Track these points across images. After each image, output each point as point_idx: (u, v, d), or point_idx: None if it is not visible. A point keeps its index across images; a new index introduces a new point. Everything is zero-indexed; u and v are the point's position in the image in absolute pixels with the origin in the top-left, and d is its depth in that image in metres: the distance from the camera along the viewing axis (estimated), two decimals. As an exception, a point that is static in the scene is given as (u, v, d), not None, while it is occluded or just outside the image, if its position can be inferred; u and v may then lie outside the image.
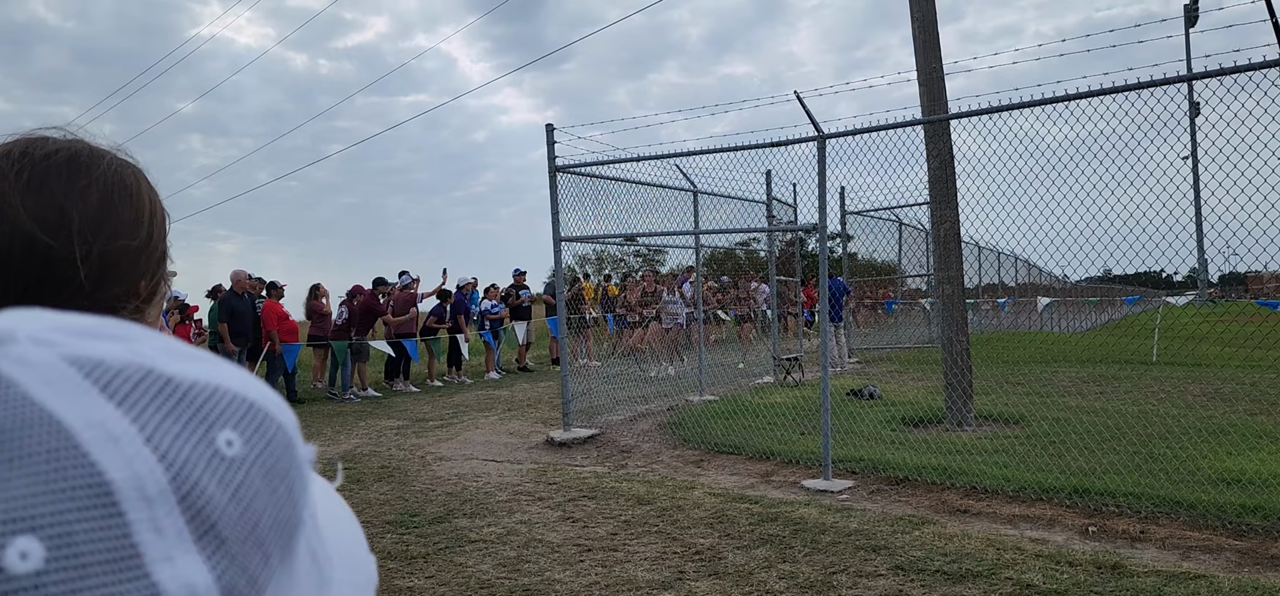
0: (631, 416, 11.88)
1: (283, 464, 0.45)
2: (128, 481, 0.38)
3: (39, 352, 0.40)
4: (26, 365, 0.39)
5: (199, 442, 0.41)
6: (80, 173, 0.87)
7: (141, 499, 0.38)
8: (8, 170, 0.84)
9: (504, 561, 5.92)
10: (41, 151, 0.87)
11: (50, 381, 0.39)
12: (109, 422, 0.39)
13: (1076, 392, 12.43)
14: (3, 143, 0.88)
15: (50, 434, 0.38)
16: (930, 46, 10.00)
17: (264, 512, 0.43)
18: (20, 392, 0.38)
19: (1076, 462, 7.62)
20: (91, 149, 0.90)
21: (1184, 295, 19.77)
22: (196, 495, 0.40)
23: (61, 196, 0.85)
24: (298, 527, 0.46)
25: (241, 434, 0.43)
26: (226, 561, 0.40)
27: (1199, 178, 11.30)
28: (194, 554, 0.39)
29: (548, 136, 10.69)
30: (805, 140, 8.51)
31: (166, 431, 0.40)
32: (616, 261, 27.70)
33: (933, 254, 12.68)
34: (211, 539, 0.40)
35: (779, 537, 6.22)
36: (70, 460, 0.37)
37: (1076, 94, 7.10)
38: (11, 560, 0.35)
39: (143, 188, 0.93)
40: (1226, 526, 6.08)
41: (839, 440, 8.86)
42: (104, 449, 0.38)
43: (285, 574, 0.45)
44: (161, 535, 0.38)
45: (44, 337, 0.41)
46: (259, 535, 0.42)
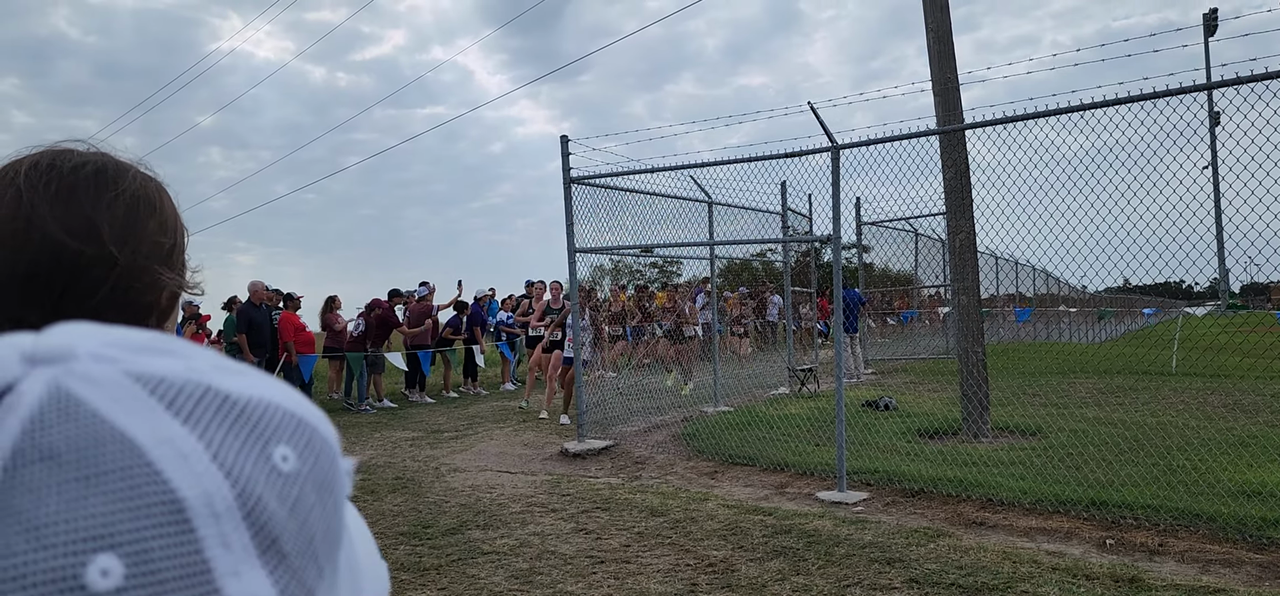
0: (646, 427, 11.85)
1: (330, 478, 0.47)
2: (198, 498, 0.39)
3: (103, 370, 0.41)
4: (93, 383, 0.40)
5: (258, 458, 0.42)
6: (108, 185, 0.88)
7: (211, 515, 0.39)
8: (36, 181, 0.85)
9: (516, 573, 5.91)
10: (69, 164, 0.87)
11: (118, 399, 0.40)
12: (178, 440, 0.40)
13: (1094, 403, 12.33)
14: (30, 154, 0.88)
15: (123, 452, 0.38)
16: (945, 57, 9.97)
17: (317, 525, 0.44)
18: (91, 410, 0.39)
19: (1094, 474, 7.54)
20: (117, 162, 0.91)
21: (1204, 305, 19.61)
22: (259, 510, 0.41)
23: (90, 208, 0.86)
24: (341, 539, 0.48)
25: (295, 449, 0.44)
26: (288, 575, 0.41)
27: (1219, 187, 11.21)
28: (258, 568, 0.40)
29: (563, 148, 10.70)
30: (819, 151, 8.48)
31: (229, 448, 0.41)
32: (632, 272, 27.68)
33: (949, 264, 12.62)
34: (274, 553, 0.41)
35: (793, 550, 6.18)
36: (144, 478, 0.38)
37: (1094, 103, 7.05)
38: (93, 577, 0.36)
39: (165, 201, 0.94)
40: (1247, 539, 6.01)
41: (854, 451, 8.81)
42: (175, 466, 0.39)
43: (332, 582, 0.46)
44: (230, 550, 0.39)
45: (104, 354, 0.42)
46: (314, 548, 0.44)
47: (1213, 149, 13.87)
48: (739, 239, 13.97)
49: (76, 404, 0.39)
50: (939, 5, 10.01)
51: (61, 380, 0.40)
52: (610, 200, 11.24)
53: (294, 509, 0.43)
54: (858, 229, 18.60)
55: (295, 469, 0.44)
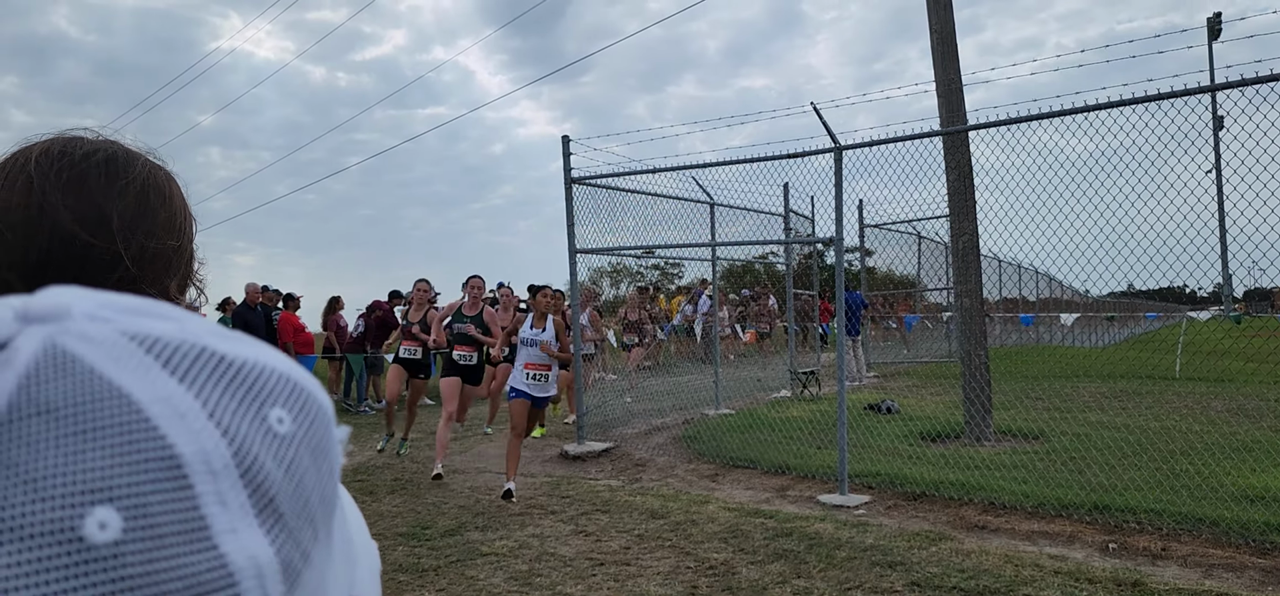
0: (646, 429, 11.82)
1: (325, 442, 0.47)
2: (196, 455, 0.39)
3: (98, 328, 0.41)
4: (89, 341, 0.40)
5: (254, 419, 0.42)
6: (118, 173, 0.88)
7: (208, 472, 0.39)
8: (47, 169, 0.85)
9: (516, 574, 5.88)
10: (80, 151, 0.87)
11: (115, 356, 0.40)
12: (175, 398, 0.40)
13: (1098, 407, 12.29)
14: (41, 141, 0.88)
15: (121, 408, 0.38)
16: (949, 58, 9.94)
17: (312, 489, 0.44)
18: (87, 366, 0.39)
19: (1097, 478, 7.51)
20: (127, 150, 0.91)
21: (1207, 310, 19.56)
22: (256, 470, 0.41)
23: (100, 196, 0.86)
24: (335, 504, 0.48)
25: (290, 412, 0.44)
26: (284, 534, 0.41)
27: (1223, 191, 11.18)
28: (255, 526, 0.40)
29: (564, 148, 10.67)
30: (822, 152, 8.45)
31: (226, 407, 0.41)
32: (633, 274, 27.68)
33: (952, 267, 12.59)
34: (270, 512, 0.41)
35: (794, 553, 6.14)
36: (142, 434, 0.38)
37: (1097, 105, 7.02)
38: (91, 529, 0.36)
39: (175, 191, 0.95)
40: (1250, 544, 5.97)
41: (856, 454, 8.78)
42: (173, 423, 0.39)
43: (327, 548, 0.46)
44: (227, 508, 0.39)
45: (99, 314, 0.42)
46: (309, 510, 0.44)
47: (1216, 152, 13.82)
48: (741, 240, 13.93)
49: (72, 360, 0.39)
50: (943, 6, 9.98)
51: (57, 338, 0.40)
52: (611, 201, 11.22)
53: (289, 470, 0.43)
54: (860, 231, 18.58)
55: (291, 431, 0.44)
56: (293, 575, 0.42)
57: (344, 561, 0.52)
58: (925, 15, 10.18)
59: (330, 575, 0.47)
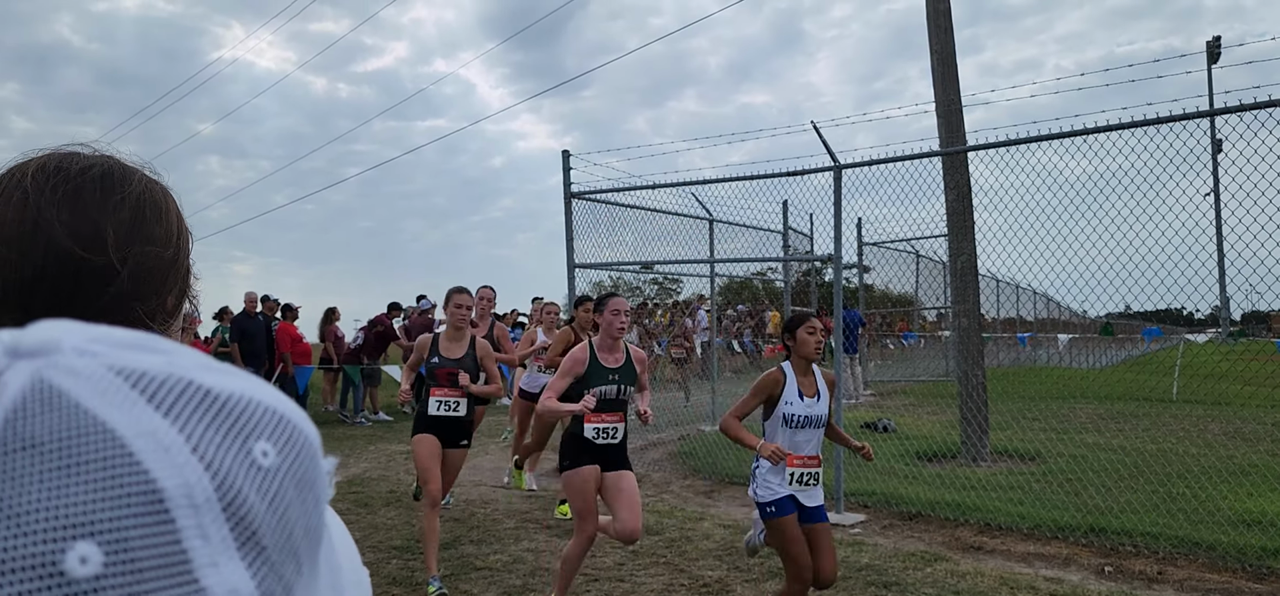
0: (642, 445, 11.80)
1: (310, 475, 0.47)
2: (178, 489, 0.39)
3: (85, 363, 0.41)
4: (76, 375, 0.40)
5: (239, 453, 0.42)
6: (114, 188, 0.88)
7: (191, 506, 0.39)
8: (43, 184, 0.85)
9: (509, 589, 5.86)
10: (76, 167, 0.87)
11: (101, 391, 0.40)
12: (159, 432, 0.40)
13: (1094, 429, 12.28)
14: (37, 156, 0.88)
15: (104, 442, 0.39)
16: (949, 78, 9.96)
17: (297, 521, 0.44)
18: (72, 401, 0.39)
19: (1093, 500, 7.49)
20: (123, 166, 0.91)
21: (1205, 332, 19.55)
22: (239, 503, 0.41)
23: (96, 211, 0.86)
24: (321, 537, 0.48)
25: (275, 445, 0.44)
26: (266, 568, 0.42)
27: (1221, 214, 11.20)
28: (237, 560, 0.40)
29: (564, 162, 10.69)
30: (822, 170, 8.46)
31: (210, 441, 0.41)
32: (631, 289, 27.67)
33: (949, 286, 12.60)
34: (252, 546, 0.41)
35: (788, 571, 6.12)
36: (125, 468, 0.38)
37: (1097, 128, 7.03)
38: (72, 564, 0.36)
39: (171, 205, 0.94)
40: (1246, 569, 5.96)
41: (851, 473, 8.76)
42: (156, 457, 0.39)
43: (311, 579, 0.46)
44: (208, 541, 0.39)
45: (87, 348, 0.42)
46: (293, 543, 0.44)
47: (1215, 176, 13.85)
48: (739, 257, 13.93)
49: (58, 395, 0.39)
50: (943, 27, 10.01)
51: (44, 372, 0.40)
52: (611, 216, 11.22)
53: (273, 503, 0.43)
54: (859, 249, 18.58)
55: (275, 464, 0.44)
56: None
57: (330, 591, 0.52)
58: (925, 35, 10.21)
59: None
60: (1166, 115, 6.74)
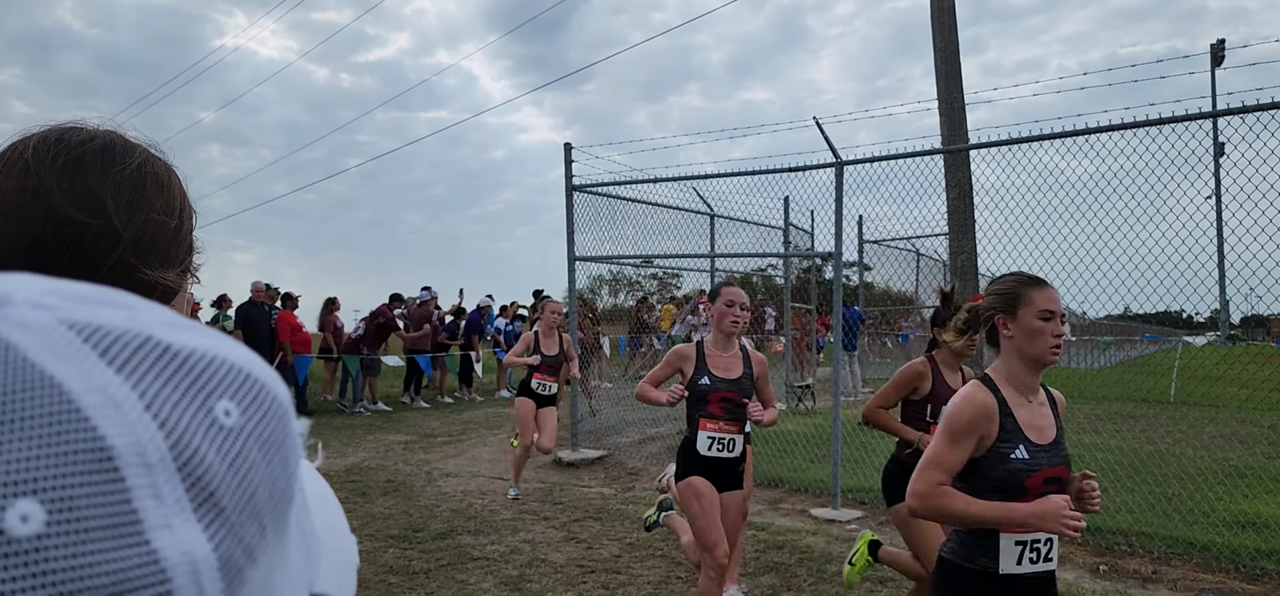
0: (640, 438, 11.81)
1: (278, 436, 0.45)
2: (129, 447, 0.38)
3: (37, 316, 0.39)
4: (26, 328, 0.39)
5: (198, 411, 0.41)
6: (114, 160, 0.88)
7: (142, 465, 0.38)
8: (45, 154, 0.85)
9: (506, 580, 5.87)
10: (77, 138, 0.88)
11: (50, 345, 0.39)
12: (110, 388, 0.39)
13: (1092, 429, 12.28)
14: (38, 131, 0.89)
15: (51, 397, 0.37)
16: (952, 76, 9.96)
17: (260, 484, 0.43)
18: (20, 355, 0.38)
19: (1090, 500, 7.50)
20: (125, 140, 0.92)
21: (1203, 335, 19.58)
22: (195, 463, 0.40)
23: (96, 181, 0.86)
24: (290, 501, 0.46)
25: (239, 404, 0.43)
26: (224, 530, 0.40)
27: (1222, 217, 11.20)
28: (192, 522, 0.39)
29: (566, 155, 10.69)
30: (823, 166, 8.46)
31: (166, 399, 0.40)
32: (631, 283, 27.66)
33: (949, 285, 12.62)
34: (209, 507, 0.40)
35: (784, 566, 6.14)
36: (71, 424, 0.37)
37: (1099, 127, 7.03)
38: (12, 522, 0.35)
39: (173, 181, 0.95)
40: (1240, 570, 5.97)
41: (849, 469, 8.77)
42: (105, 414, 0.38)
43: (278, 545, 0.45)
44: (161, 502, 0.38)
45: (42, 301, 0.40)
46: (255, 505, 0.42)
47: (1216, 178, 13.86)
48: (740, 252, 13.92)
49: (5, 348, 0.38)
50: (947, 25, 10.02)
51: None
52: (612, 210, 11.22)
53: (234, 464, 0.41)
54: (860, 247, 18.58)
55: (238, 424, 0.42)
56: (232, 572, 0.40)
57: (302, 558, 0.50)
58: (928, 34, 10.22)
59: (282, 574, 0.46)
60: (1169, 116, 6.74)
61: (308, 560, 0.52)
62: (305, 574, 0.51)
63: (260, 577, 0.43)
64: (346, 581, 0.59)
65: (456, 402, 17.59)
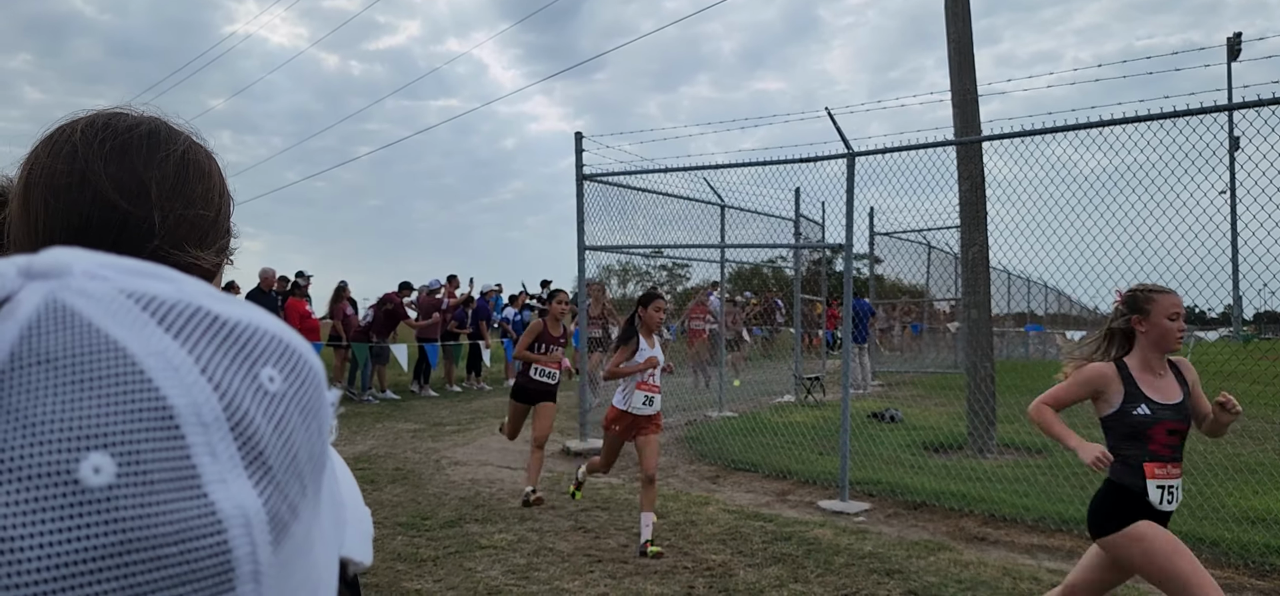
0: (650, 429, 11.80)
1: (315, 403, 0.48)
2: (188, 407, 0.40)
3: (97, 285, 0.42)
4: (87, 296, 0.41)
5: (246, 377, 0.44)
6: (159, 146, 0.91)
7: (200, 424, 0.41)
8: (92, 139, 0.88)
9: (513, 568, 5.87)
10: (124, 124, 0.91)
11: (112, 312, 0.41)
12: (168, 352, 0.41)
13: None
14: (85, 115, 0.92)
15: (117, 360, 0.40)
16: (965, 67, 9.91)
17: (301, 446, 0.46)
18: (85, 320, 0.40)
19: (1099, 495, 7.47)
20: (170, 126, 0.95)
21: (1216, 331, 19.46)
22: (246, 424, 0.42)
23: (141, 166, 0.89)
24: (325, 464, 0.49)
25: (281, 371, 0.46)
26: (272, 488, 0.43)
27: (1237, 212, 11.13)
28: (244, 478, 0.41)
29: (577, 144, 10.67)
30: (835, 157, 8.43)
31: (218, 364, 0.43)
32: (641, 273, 27.64)
33: (960, 278, 12.55)
34: (259, 466, 0.42)
35: (792, 557, 6.13)
36: (136, 384, 0.40)
37: (1113, 120, 6.98)
38: (86, 473, 0.37)
39: (215, 169, 0.98)
40: (1250, 566, 5.94)
41: (857, 462, 8.75)
42: (166, 376, 0.41)
43: (315, 505, 0.48)
44: (217, 458, 0.41)
45: (98, 272, 0.43)
46: (298, 467, 0.45)
47: (1231, 173, 13.77)
48: (751, 243, 13.90)
49: (71, 314, 0.40)
50: (961, 16, 9.96)
51: (57, 293, 0.41)
52: (622, 199, 11.22)
53: (279, 427, 0.44)
54: (870, 239, 18.54)
55: (281, 390, 0.45)
56: (280, 527, 0.43)
57: (333, 521, 0.53)
58: (941, 24, 10.16)
59: (317, 531, 0.48)
60: (1184, 109, 6.69)
61: (336, 523, 0.55)
62: (335, 535, 0.54)
63: (301, 533, 0.45)
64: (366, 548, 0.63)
65: (465, 391, 17.62)
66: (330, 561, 0.53)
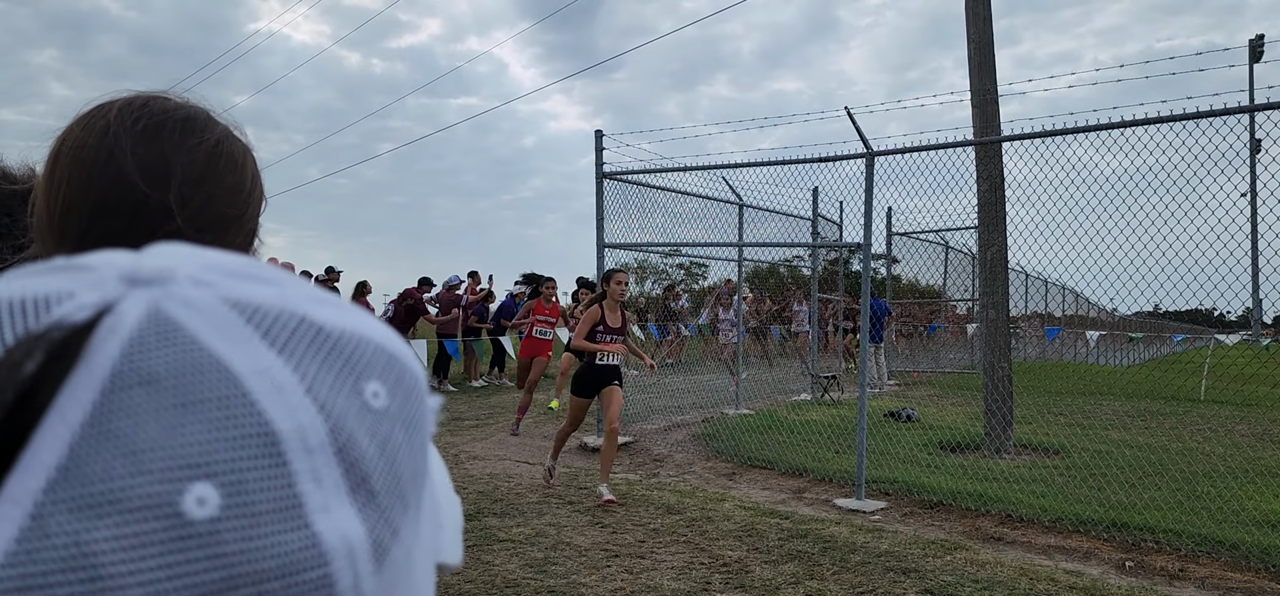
0: (666, 425, 11.85)
1: (418, 416, 0.46)
2: (293, 431, 0.39)
3: (201, 294, 0.40)
4: (192, 307, 0.40)
5: (351, 394, 0.42)
6: (194, 132, 0.89)
7: (304, 449, 0.39)
8: (128, 117, 0.86)
9: (531, 562, 5.92)
10: (161, 107, 0.89)
11: (216, 326, 0.39)
12: (273, 371, 0.39)
13: (1120, 425, 12.20)
14: (127, 95, 0.90)
15: (221, 381, 0.38)
16: (985, 68, 9.89)
17: (405, 465, 0.44)
18: (189, 336, 0.39)
19: (1116, 496, 7.47)
20: (208, 114, 0.93)
21: (1236, 333, 19.35)
22: (351, 447, 0.40)
23: (170, 150, 0.87)
24: (427, 477, 0.47)
25: (386, 386, 0.44)
26: (376, 514, 0.41)
27: (1258, 214, 11.06)
28: (348, 505, 0.39)
29: (597, 142, 10.71)
30: (854, 157, 8.43)
31: (323, 381, 0.41)
32: (659, 271, 27.65)
33: (978, 278, 12.53)
34: (364, 491, 0.40)
35: (808, 554, 6.16)
36: (241, 408, 0.38)
37: (1133, 121, 6.96)
38: (190, 505, 0.35)
39: (248, 162, 0.96)
40: (1270, 569, 5.93)
41: (873, 460, 8.76)
42: (271, 398, 0.39)
43: (416, 520, 0.46)
44: (321, 486, 0.39)
45: (202, 278, 0.41)
46: (401, 487, 0.43)
47: (1252, 175, 13.70)
48: (768, 242, 13.91)
49: (176, 328, 0.39)
50: (981, 16, 9.94)
51: (161, 303, 0.39)
52: (641, 197, 11.25)
53: (384, 447, 0.42)
54: (888, 239, 18.50)
55: (386, 406, 0.43)
56: (382, 551, 0.41)
57: (432, 528, 0.51)
58: (960, 24, 10.15)
59: (418, 547, 0.47)
60: (1206, 110, 6.67)
61: (435, 528, 0.52)
62: (433, 542, 0.52)
63: (402, 554, 0.43)
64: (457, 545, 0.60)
65: (487, 387, 17.68)
66: (428, 572, 0.50)
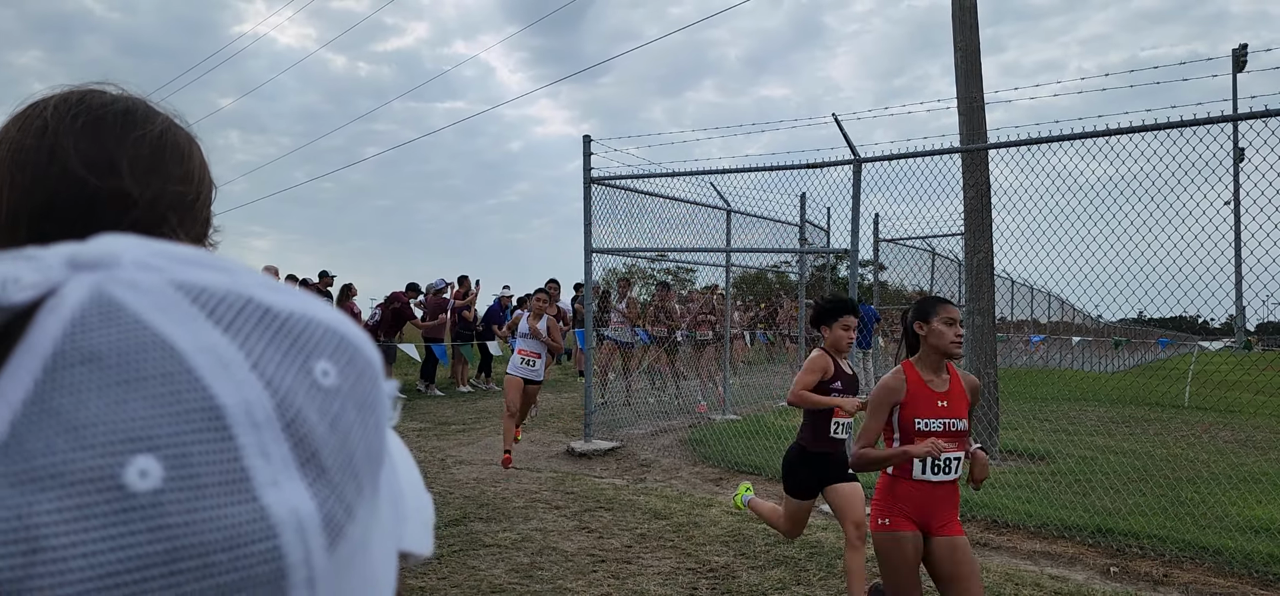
0: (653, 430, 11.84)
1: (372, 397, 0.46)
2: (238, 406, 0.39)
3: (146, 277, 0.40)
4: (136, 289, 0.40)
5: (299, 372, 0.42)
6: (135, 124, 0.88)
7: (251, 424, 0.39)
8: (65, 113, 0.85)
9: (517, 567, 5.91)
10: (99, 101, 0.88)
11: (161, 305, 0.39)
12: (219, 348, 0.39)
13: (1104, 432, 12.26)
14: (60, 91, 0.89)
15: (165, 357, 0.38)
16: (972, 75, 9.94)
17: (357, 443, 0.44)
18: (132, 315, 0.39)
19: (1101, 502, 7.50)
20: (148, 106, 0.91)
21: (1219, 340, 19.47)
22: (299, 423, 0.40)
23: (113, 144, 0.85)
24: (382, 460, 0.47)
25: (336, 365, 0.44)
26: (327, 489, 0.41)
27: (1241, 222, 11.15)
28: (297, 480, 0.39)
29: (584, 147, 10.71)
30: (841, 163, 8.47)
31: (269, 359, 0.41)
32: (645, 276, 27.66)
33: (964, 285, 12.56)
34: (313, 466, 0.40)
35: (794, 560, 6.16)
36: (185, 384, 0.38)
37: (1118, 129, 7.01)
38: (132, 477, 0.35)
39: (195, 151, 0.94)
40: (1253, 575, 5.96)
41: (861, 466, 8.76)
42: (216, 374, 0.39)
43: (372, 502, 0.45)
44: (269, 460, 0.39)
45: (148, 262, 0.41)
46: (354, 465, 0.43)
47: (1235, 183, 13.78)
48: (756, 247, 13.93)
49: (119, 309, 0.39)
50: (968, 23, 9.99)
51: (104, 285, 0.39)
52: (628, 202, 11.24)
53: (334, 424, 0.42)
54: (875, 245, 18.54)
55: (336, 384, 0.43)
56: (335, 529, 0.41)
57: (393, 515, 0.51)
58: (947, 32, 10.19)
59: (376, 529, 0.47)
60: (1189, 119, 6.72)
61: (397, 517, 0.53)
62: (395, 530, 0.52)
63: (358, 534, 0.43)
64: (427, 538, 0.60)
65: (474, 392, 17.65)
66: (389, 558, 0.50)
